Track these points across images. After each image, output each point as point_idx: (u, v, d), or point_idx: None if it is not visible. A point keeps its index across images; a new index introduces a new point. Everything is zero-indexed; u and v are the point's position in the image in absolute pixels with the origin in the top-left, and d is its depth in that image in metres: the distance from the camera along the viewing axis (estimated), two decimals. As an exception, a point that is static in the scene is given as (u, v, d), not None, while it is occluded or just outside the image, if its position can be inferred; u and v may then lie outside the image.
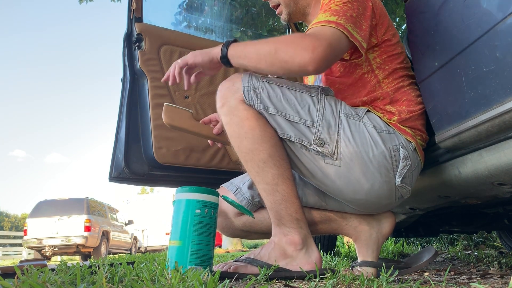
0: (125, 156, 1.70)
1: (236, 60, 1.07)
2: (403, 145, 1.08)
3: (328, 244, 2.50)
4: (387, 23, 1.18)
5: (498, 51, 0.84)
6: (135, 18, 1.78)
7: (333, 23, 1.02)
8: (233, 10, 3.00)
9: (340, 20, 1.03)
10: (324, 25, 1.02)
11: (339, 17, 1.04)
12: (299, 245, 1.07)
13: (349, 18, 1.05)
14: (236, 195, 1.22)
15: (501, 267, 1.73)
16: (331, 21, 1.03)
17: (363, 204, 1.12)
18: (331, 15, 1.05)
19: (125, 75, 1.80)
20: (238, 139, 1.05)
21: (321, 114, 1.05)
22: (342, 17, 1.04)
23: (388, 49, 1.17)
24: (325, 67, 1.01)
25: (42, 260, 1.76)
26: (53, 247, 9.15)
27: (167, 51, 1.81)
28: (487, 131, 0.91)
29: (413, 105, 1.14)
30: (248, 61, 1.04)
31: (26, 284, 0.69)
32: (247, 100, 1.04)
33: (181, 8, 2.92)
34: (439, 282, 0.98)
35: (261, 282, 0.93)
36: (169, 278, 0.80)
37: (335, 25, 1.02)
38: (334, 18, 1.04)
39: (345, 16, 1.05)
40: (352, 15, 1.06)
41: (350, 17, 1.06)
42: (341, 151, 1.04)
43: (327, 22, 1.03)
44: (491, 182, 1.01)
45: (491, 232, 3.34)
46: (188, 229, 1.00)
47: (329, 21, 1.03)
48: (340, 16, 1.04)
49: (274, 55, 0.99)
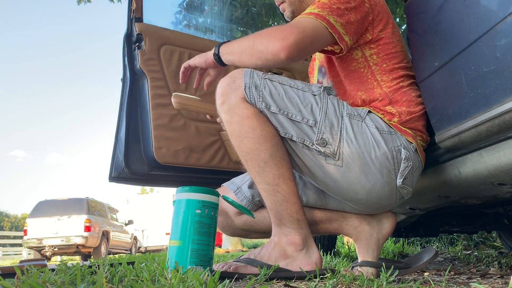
0: (125, 156, 1.70)
1: (226, 57, 1.13)
2: (405, 146, 1.08)
3: (328, 244, 2.50)
4: (386, 20, 1.18)
5: (498, 51, 0.84)
6: (135, 18, 1.78)
7: (313, 14, 1.05)
8: (233, 10, 3.00)
9: (322, 12, 1.05)
10: (303, 17, 1.06)
11: (322, 9, 1.06)
12: (299, 245, 1.07)
13: (334, 10, 1.07)
14: (237, 195, 1.22)
15: (501, 267, 1.73)
16: (312, 12, 1.06)
17: (364, 204, 1.12)
18: (315, 8, 1.08)
19: (125, 75, 1.80)
20: (238, 138, 1.04)
21: (324, 113, 1.05)
22: (326, 9, 1.06)
23: (386, 47, 1.17)
24: (298, 55, 1.02)
25: (42, 260, 1.76)
26: (53, 247, 9.15)
27: (167, 51, 1.81)
28: (487, 131, 0.91)
29: (413, 106, 1.14)
30: (233, 56, 1.11)
31: (26, 284, 0.69)
32: (248, 98, 1.03)
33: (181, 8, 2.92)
34: (439, 282, 0.98)
35: (261, 282, 0.93)
36: (169, 278, 0.80)
37: (314, 16, 1.05)
38: (316, 10, 1.06)
39: (330, 9, 1.07)
40: (339, 8, 1.07)
41: (336, 9, 1.07)
42: (343, 151, 1.04)
43: (308, 14, 1.06)
44: (491, 182, 1.01)
45: (491, 232, 3.34)
46: (188, 229, 1.00)
47: (310, 12, 1.06)
48: (323, 9, 1.06)
49: (252, 47, 1.05)
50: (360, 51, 1.16)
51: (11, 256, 13.46)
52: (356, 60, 1.17)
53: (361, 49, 1.16)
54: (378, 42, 1.16)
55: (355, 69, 1.18)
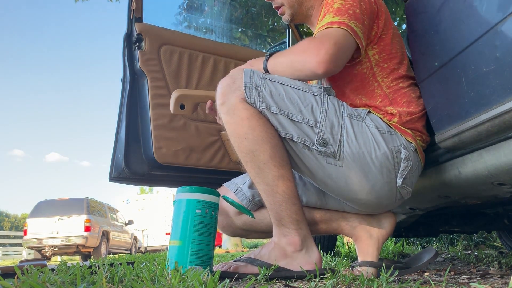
0: (125, 156, 1.70)
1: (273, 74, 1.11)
2: (404, 146, 1.08)
3: (328, 244, 2.50)
4: (386, 19, 1.18)
5: (498, 51, 0.84)
6: (135, 18, 1.78)
7: (336, 23, 1.04)
8: (233, 10, 3.00)
9: (343, 19, 1.05)
10: (327, 27, 1.05)
11: (341, 16, 1.05)
12: (299, 245, 1.07)
13: (352, 15, 1.06)
14: (237, 194, 1.22)
15: (501, 267, 1.73)
16: (333, 21, 1.05)
17: (364, 204, 1.12)
18: (334, 16, 1.06)
19: (125, 75, 1.80)
20: (238, 139, 1.04)
21: (325, 114, 1.05)
22: (345, 15, 1.06)
23: (386, 47, 1.17)
24: (334, 67, 1.03)
25: (42, 260, 1.76)
26: (53, 247, 9.15)
27: (167, 51, 1.81)
28: (487, 131, 0.91)
29: (413, 107, 1.14)
30: (280, 74, 1.10)
31: (26, 284, 0.69)
32: (248, 98, 1.03)
33: (181, 8, 2.92)
34: (439, 282, 0.98)
35: (261, 282, 0.93)
36: (169, 278, 0.80)
37: (338, 25, 1.04)
38: (336, 18, 1.05)
39: (348, 14, 1.06)
40: (355, 11, 1.07)
41: (353, 13, 1.07)
42: (344, 151, 1.04)
43: (330, 24, 1.05)
44: (491, 182, 1.01)
45: (491, 232, 3.34)
46: (189, 229, 1.00)
47: (332, 22, 1.05)
48: (342, 15, 1.06)
49: (292, 66, 1.07)
50: (364, 52, 1.16)
51: (11, 256, 13.47)
52: (360, 62, 1.17)
53: (366, 49, 1.16)
54: (380, 41, 1.16)
55: (358, 71, 1.17)
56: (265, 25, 4.32)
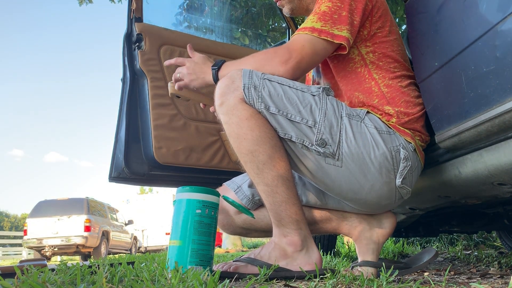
0: (125, 156, 1.70)
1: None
2: (403, 146, 1.08)
3: (328, 244, 2.50)
4: (385, 18, 1.18)
5: (498, 51, 0.84)
6: (135, 18, 1.78)
7: (317, 31, 1.07)
8: (233, 10, 3.00)
9: (325, 27, 1.07)
10: (307, 33, 1.08)
11: (325, 22, 1.08)
12: (299, 246, 1.07)
13: (337, 19, 1.08)
14: (237, 194, 1.22)
15: (501, 267, 1.73)
16: (315, 28, 1.08)
17: (363, 204, 1.12)
18: (317, 20, 1.09)
19: (125, 75, 1.80)
20: (237, 139, 1.04)
21: (323, 114, 1.05)
22: (329, 20, 1.08)
23: (382, 46, 1.17)
24: (301, 73, 1.09)
25: (42, 260, 1.76)
26: (53, 247, 9.14)
27: (167, 51, 1.81)
28: (487, 131, 0.91)
29: (411, 107, 1.14)
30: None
31: (26, 284, 0.69)
32: (247, 98, 1.03)
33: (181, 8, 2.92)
34: (439, 282, 0.98)
35: (261, 282, 0.93)
36: (169, 278, 0.80)
37: (318, 34, 1.07)
38: (319, 24, 1.08)
39: (332, 20, 1.08)
40: (341, 15, 1.09)
41: (339, 17, 1.08)
42: (343, 152, 1.04)
43: (311, 30, 1.08)
44: (491, 182, 1.01)
45: (491, 232, 3.34)
46: (189, 229, 1.00)
47: (314, 28, 1.08)
48: (326, 21, 1.08)
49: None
50: (357, 49, 1.17)
51: (11, 256, 13.46)
52: (353, 59, 1.18)
53: (357, 47, 1.17)
54: (374, 39, 1.16)
55: (352, 69, 1.18)
56: (265, 25, 4.32)
